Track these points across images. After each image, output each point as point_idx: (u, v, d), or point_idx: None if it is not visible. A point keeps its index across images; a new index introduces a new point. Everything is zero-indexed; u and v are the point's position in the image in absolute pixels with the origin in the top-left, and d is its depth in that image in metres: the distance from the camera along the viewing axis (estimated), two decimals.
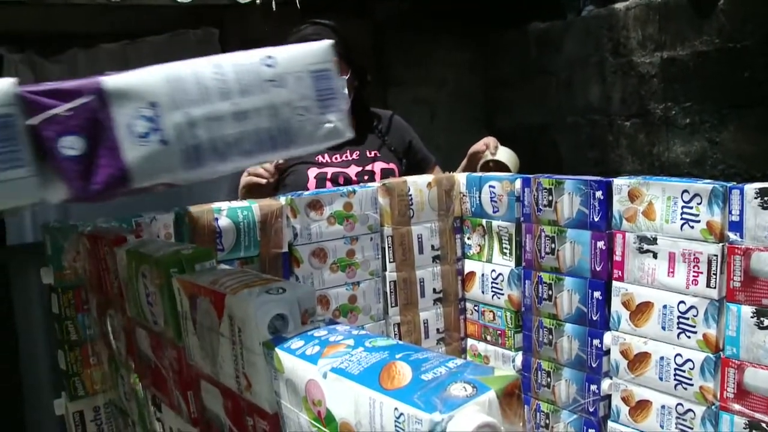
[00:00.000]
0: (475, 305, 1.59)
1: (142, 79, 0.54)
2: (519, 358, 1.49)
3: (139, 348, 0.97)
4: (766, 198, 1.06)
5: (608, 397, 1.33)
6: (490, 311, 1.55)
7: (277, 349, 0.55)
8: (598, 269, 1.31)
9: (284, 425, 0.57)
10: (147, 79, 0.54)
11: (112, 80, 0.49)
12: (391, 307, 1.52)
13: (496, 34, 3.72)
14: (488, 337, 1.56)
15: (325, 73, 0.55)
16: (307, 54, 0.55)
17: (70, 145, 0.49)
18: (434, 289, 1.57)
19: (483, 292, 1.56)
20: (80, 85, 0.52)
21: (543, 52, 3.43)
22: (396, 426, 0.42)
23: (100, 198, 0.57)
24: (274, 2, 2.71)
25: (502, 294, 1.51)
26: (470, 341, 1.62)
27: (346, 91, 1.90)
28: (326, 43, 0.57)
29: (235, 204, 1.28)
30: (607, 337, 1.31)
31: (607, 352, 1.32)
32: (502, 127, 3.38)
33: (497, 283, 1.52)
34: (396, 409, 0.42)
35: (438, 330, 1.58)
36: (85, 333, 1.24)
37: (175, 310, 0.80)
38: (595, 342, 1.33)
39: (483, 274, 1.56)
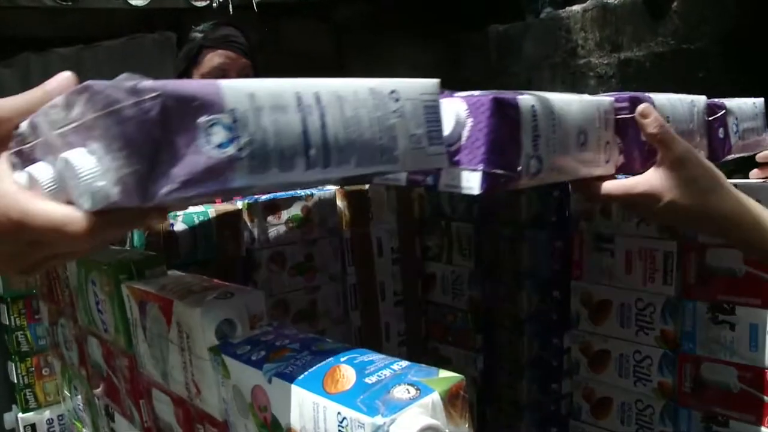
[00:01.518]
0: (437, 307, 1.59)
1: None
2: (481, 359, 1.49)
3: (91, 357, 0.95)
4: None
5: (570, 395, 1.33)
6: (452, 313, 1.55)
7: (223, 355, 0.54)
8: (556, 268, 1.32)
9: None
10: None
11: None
12: (352, 310, 1.51)
13: (457, 36, 3.74)
14: (450, 339, 1.56)
15: (435, 105, 0.56)
16: (419, 87, 0.55)
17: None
18: (395, 292, 1.56)
19: (444, 294, 1.56)
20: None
21: (503, 54, 3.46)
22: (339, 430, 0.41)
23: None
24: (231, 5, 2.68)
25: (463, 295, 1.51)
26: (432, 343, 1.61)
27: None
28: (436, 81, 0.57)
29: (191, 209, 1.26)
30: (567, 336, 1.32)
31: (568, 350, 1.33)
32: None
33: (457, 285, 1.52)
34: (339, 413, 0.41)
35: (399, 332, 1.57)
36: (36, 343, 1.21)
37: (125, 318, 0.78)
38: (555, 341, 1.34)
39: (443, 276, 1.55)
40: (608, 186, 0.78)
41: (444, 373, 0.43)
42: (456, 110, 0.59)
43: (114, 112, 0.41)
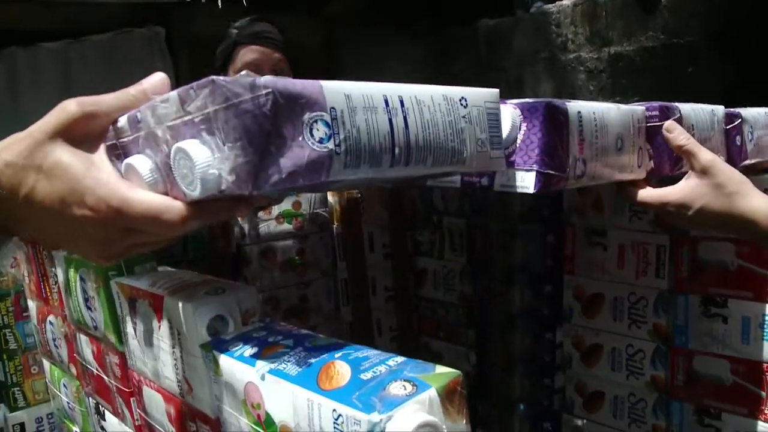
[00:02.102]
0: (428, 302, 1.58)
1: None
2: (473, 354, 1.49)
3: (80, 355, 0.94)
4: None
5: (562, 389, 1.33)
6: (444, 308, 1.54)
7: (215, 352, 0.53)
8: (549, 263, 1.31)
9: (226, 430, 0.55)
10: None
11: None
12: (343, 306, 1.50)
13: (446, 30, 3.73)
14: (442, 334, 1.55)
15: (496, 112, 0.61)
16: (484, 95, 0.60)
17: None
18: (386, 287, 1.55)
19: (435, 289, 1.55)
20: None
21: (493, 49, 3.46)
22: (335, 427, 0.40)
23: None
24: (220, 1, 2.66)
25: (455, 291, 1.50)
26: (424, 338, 1.61)
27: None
28: (497, 90, 0.62)
29: None
30: (560, 331, 1.32)
31: (560, 345, 1.32)
32: None
33: (449, 280, 1.52)
34: (334, 410, 0.41)
35: (391, 328, 1.57)
36: (25, 341, 1.20)
37: (114, 315, 0.77)
38: (548, 336, 1.33)
39: (435, 271, 1.55)
40: (644, 194, 0.85)
41: (440, 369, 0.42)
42: (511, 115, 0.63)
43: (234, 105, 0.44)
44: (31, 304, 1.12)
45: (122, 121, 0.54)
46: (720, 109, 0.92)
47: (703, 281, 1.11)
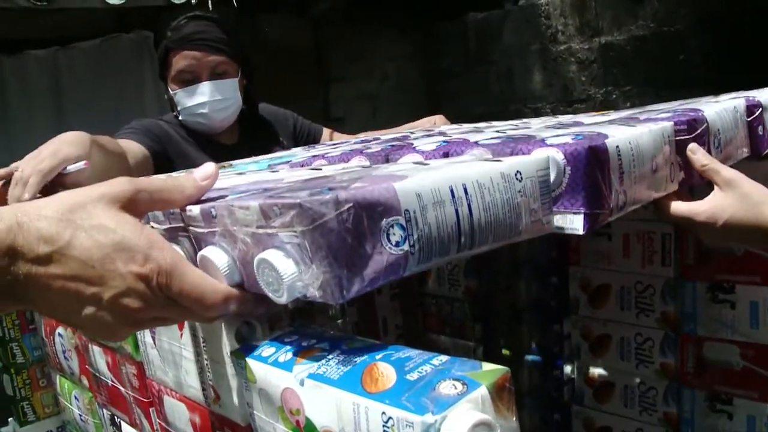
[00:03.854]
0: (433, 298, 1.58)
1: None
2: (480, 349, 1.49)
3: (93, 366, 0.93)
4: None
5: (571, 381, 1.34)
6: (449, 304, 1.54)
7: (247, 359, 0.53)
8: (554, 255, 1.31)
9: None
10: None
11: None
12: (348, 306, 1.49)
13: (435, 25, 3.73)
14: (448, 330, 1.55)
15: (546, 178, 0.63)
16: (536, 163, 0.62)
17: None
18: (391, 285, 1.55)
19: (440, 285, 1.55)
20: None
21: (483, 42, 3.46)
22: (385, 430, 0.40)
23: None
24: (210, 2, 2.64)
25: (459, 286, 1.50)
26: (430, 335, 1.61)
27: (239, 95, 1.82)
28: (546, 157, 0.64)
29: None
30: (567, 322, 1.32)
31: (568, 336, 1.33)
32: (446, 118, 3.41)
33: (453, 275, 1.51)
34: (384, 413, 0.40)
35: (397, 326, 1.56)
36: (32, 354, 1.19)
37: None
38: (555, 327, 1.34)
39: (439, 267, 1.55)
40: (674, 208, 0.87)
41: (488, 366, 0.42)
42: (555, 160, 0.65)
43: (320, 225, 0.47)
44: (38, 317, 1.10)
45: (194, 210, 0.58)
46: (741, 104, 0.93)
47: (710, 268, 1.11)
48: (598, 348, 1.27)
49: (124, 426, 0.89)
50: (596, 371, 1.29)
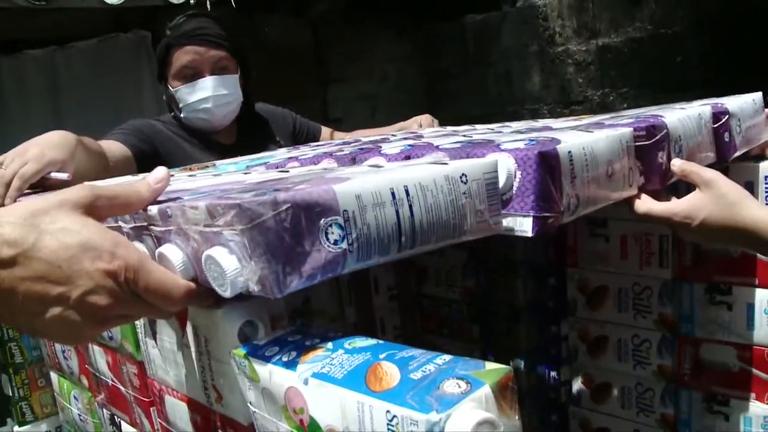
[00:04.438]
0: (431, 299, 1.58)
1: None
2: (478, 350, 1.49)
3: (93, 366, 0.93)
4: None
5: (569, 382, 1.34)
6: (447, 305, 1.54)
7: (251, 358, 0.53)
8: (551, 255, 1.32)
9: None
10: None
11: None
12: (346, 306, 1.49)
13: (434, 26, 3.74)
14: (446, 331, 1.56)
15: (494, 181, 0.64)
16: (482, 166, 0.64)
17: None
18: (388, 286, 1.55)
19: (437, 286, 1.55)
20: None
21: (481, 44, 3.47)
22: (389, 429, 0.41)
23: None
24: (209, 2, 2.64)
25: (457, 287, 1.51)
26: (429, 336, 1.61)
27: (240, 92, 1.83)
28: (494, 161, 0.66)
29: None
30: (565, 324, 1.32)
31: (566, 337, 1.33)
32: (444, 119, 3.43)
33: (451, 276, 1.52)
34: (388, 411, 0.41)
35: (395, 326, 1.56)
36: (31, 354, 1.19)
37: (132, 324, 0.77)
38: (553, 329, 1.34)
39: (437, 268, 1.55)
40: (650, 207, 0.89)
41: (490, 365, 0.43)
42: (506, 165, 0.67)
43: (258, 224, 0.49)
44: None
45: (153, 210, 0.61)
46: (707, 111, 0.95)
47: (707, 269, 1.12)
48: (596, 349, 1.28)
49: (124, 426, 0.90)
50: (594, 373, 1.29)
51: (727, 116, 0.96)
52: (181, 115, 1.78)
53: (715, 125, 0.96)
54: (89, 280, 0.51)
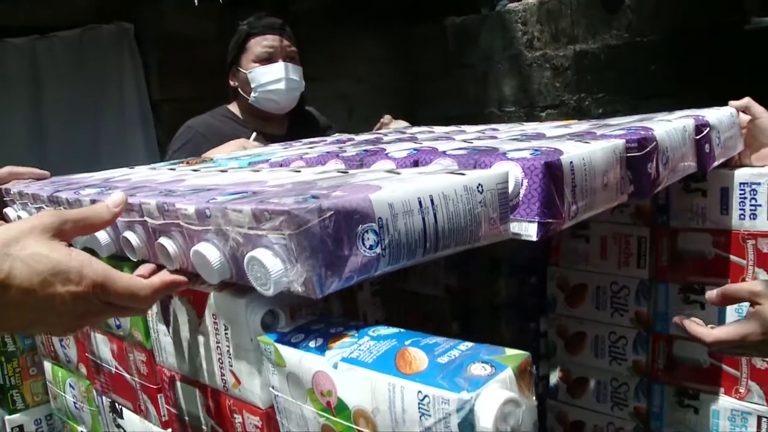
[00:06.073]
0: (414, 295, 1.61)
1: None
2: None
3: (95, 354, 0.95)
4: (688, 182, 1.14)
5: (546, 377, 1.39)
6: (429, 301, 1.58)
7: (277, 344, 0.57)
8: (534, 255, 1.36)
9: (284, 418, 0.58)
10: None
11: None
12: (332, 300, 1.51)
13: (413, 28, 3.77)
14: (428, 326, 1.58)
15: (505, 191, 0.69)
16: (496, 177, 0.68)
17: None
18: (371, 282, 1.57)
19: (420, 282, 1.59)
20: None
21: (460, 46, 3.51)
22: (420, 408, 0.44)
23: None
24: None
25: (439, 283, 1.54)
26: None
27: (304, 82, 1.95)
28: (505, 172, 0.70)
29: None
30: (544, 320, 1.37)
31: (544, 334, 1.38)
32: (422, 120, 3.46)
33: (433, 273, 1.55)
34: (419, 392, 0.44)
35: (377, 321, 1.58)
36: (23, 343, 1.20)
37: None
38: (532, 325, 1.38)
39: (420, 265, 1.58)
40: (719, 335, 0.93)
41: (510, 351, 0.47)
42: (514, 174, 0.71)
43: (305, 230, 0.53)
44: None
45: (190, 210, 0.65)
46: (690, 123, 1.00)
47: (682, 270, 1.17)
48: (574, 345, 1.33)
49: (126, 412, 0.92)
50: (571, 368, 1.34)
51: (708, 128, 1.02)
52: (253, 95, 1.93)
53: (698, 137, 1.01)
54: (62, 302, 0.58)
